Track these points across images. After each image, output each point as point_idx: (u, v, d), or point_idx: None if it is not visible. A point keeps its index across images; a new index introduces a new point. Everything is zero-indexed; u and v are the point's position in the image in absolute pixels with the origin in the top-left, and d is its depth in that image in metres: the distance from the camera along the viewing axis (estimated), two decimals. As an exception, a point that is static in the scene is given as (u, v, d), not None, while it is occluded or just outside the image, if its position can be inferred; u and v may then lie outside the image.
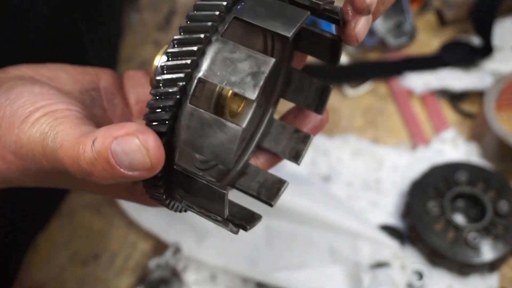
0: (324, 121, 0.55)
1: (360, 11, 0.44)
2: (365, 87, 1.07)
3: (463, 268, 0.85)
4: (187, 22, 0.40)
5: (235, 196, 0.51)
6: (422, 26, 1.14)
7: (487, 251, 0.85)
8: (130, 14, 1.22)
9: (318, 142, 0.98)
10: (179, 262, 0.86)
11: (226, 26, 0.40)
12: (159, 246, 0.90)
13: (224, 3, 0.39)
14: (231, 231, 0.45)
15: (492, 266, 0.85)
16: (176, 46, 0.39)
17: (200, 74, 0.39)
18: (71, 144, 0.40)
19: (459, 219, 0.91)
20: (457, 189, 0.90)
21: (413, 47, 1.11)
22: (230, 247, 0.85)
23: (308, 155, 0.97)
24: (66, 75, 0.51)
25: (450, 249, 0.85)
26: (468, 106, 1.04)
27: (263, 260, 0.84)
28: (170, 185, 0.43)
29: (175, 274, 0.87)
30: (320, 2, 0.42)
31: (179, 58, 0.39)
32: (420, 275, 0.86)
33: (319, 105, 0.52)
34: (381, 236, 0.86)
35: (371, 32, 1.09)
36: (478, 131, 0.98)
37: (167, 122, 0.40)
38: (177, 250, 0.86)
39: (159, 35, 1.17)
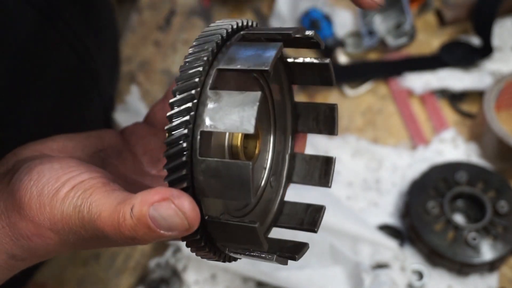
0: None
1: None
2: (365, 87, 1.07)
3: (463, 268, 0.85)
4: (177, 83, 0.43)
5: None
6: (422, 26, 1.14)
7: (487, 251, 0.85)
8: (130, 14, 1.22)
9: (318, 142, 0.98)
10: (179, 262, 0.86)
11: (212, 79, 0.43)
12: (159, 246, 0.90)
13: (205, 57, 0.43)
14: (281, 263, 0.47)
15: (491, 266, 0.86)
16: (175, 108, 0.43)
17: (201, 128, 0.42)
18: (110, 214, 0.42)
19: (458, 219, 0.91)
20: (456, 189, 0.90)
21: (413, 47, 1.11)
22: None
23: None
24: (72, 143, 0.53)
25: (450, 249, 0.85)
26: (468, 106, 1.05)
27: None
28: (208, 236, 0.45)
29: (175, 274, 0.87)
30: (290, 32, 0.45)
31: (180, 116, 0.42)
32: (420, 275, 0.86)
33: (331, 127, 0.54)
34: (381, 238, 0.86)
35: (371, 32, 1.09)
36: (478, 131, 0.98)
37: (185, 177, 0.42)
38: (177, 250, 0.87)
39: (159, 35, 1.18)
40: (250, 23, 0.48)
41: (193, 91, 0.42)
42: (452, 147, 0.98)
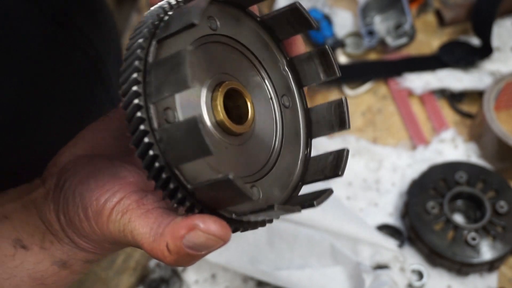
0: None
1: None
2: (365, 87, 1.07)
3: (463, 268, 0.85)
4: (120, 81, 0.45)
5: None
6: (421, 26, 1.14)
7: (486, 251, 0.85)
8: (130, 14, 1.22)
9: (318, 142, 0.98)
10: (180, 261, 0.86)
11: (153, 50, 0.44)
12: (160, 246, 0.90)
13: (146, 29, 0.44)
14: (289, 212, 0.46)
15: (491, 266, 0.86)
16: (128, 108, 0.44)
17: (152, 100, 0.43)
18: (150, 248, 0.45)
19: (458, 219, 0.91)
20: (456, 189, 0.90)
21: (413, 48, 1.11)
22: (232, 247, 0.85)
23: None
24: (101, 133, 0.54)
25: (450, 249, 0.85)
26: (467, 107, 1.05)
27: (265, 259, 0.84)
28: (204, 204, 0.45)
29: (175, 274, 0.87)
30: None
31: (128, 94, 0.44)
32: (420, 275, 0.86)
33: (342, 121, 0.53)
34: (381, 240, 0.86)
35: (371, 33, 1.09)
36: (478, 131, 0.98)
37: (156, 157, 0.43)
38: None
39: (159, 35, 1.17)
40: None
41: (135, 74, 0.43)
42: (451, 147, 0.98)
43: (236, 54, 0.52)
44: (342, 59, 1.10)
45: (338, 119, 0.52)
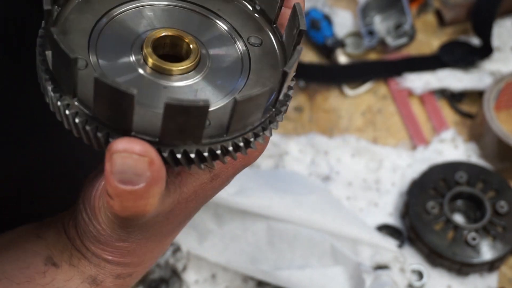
0: None
1: None
2: (365, 87, 1.07)
3: (463, 268, 0.85)
4: None
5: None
6: (421, 26, 1.14)
7: (486, 251, 0.85)
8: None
9: (318, 142, 0.99)
10: (179, 262, 0.86)
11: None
12: (160, 246, 0.90)
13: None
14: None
15: (491, 266, 0.86)
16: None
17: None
18: (109, 209, 0.44)
19: (458, 219, 0.91)
20: (456, 189, 0.90)
21: (413, 48, 1.11)
22: (232, 247, 0.85)
23: (308, 155, 0.98)
24: None
25: (450, 249, 0.85)
26: (468, 107, 1.05)
27: (265, 259, 0.84)
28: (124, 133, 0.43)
29: (175, 274, 0.87)
30: None
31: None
32: (420, 275, 0.86)
33: (297, 26, 0.52)
34: (381, 241, 0.86)
35: (371, 33, 1.09)
36: (478, 131, 0.98)
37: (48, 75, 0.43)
38: (177, 250, 0.87)
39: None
40: None
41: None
42: (452, 147, 0.98)
43: (181, 10, 0.52)
44: (342, 59, 1.10)
45: (296, 28, 0.50)
